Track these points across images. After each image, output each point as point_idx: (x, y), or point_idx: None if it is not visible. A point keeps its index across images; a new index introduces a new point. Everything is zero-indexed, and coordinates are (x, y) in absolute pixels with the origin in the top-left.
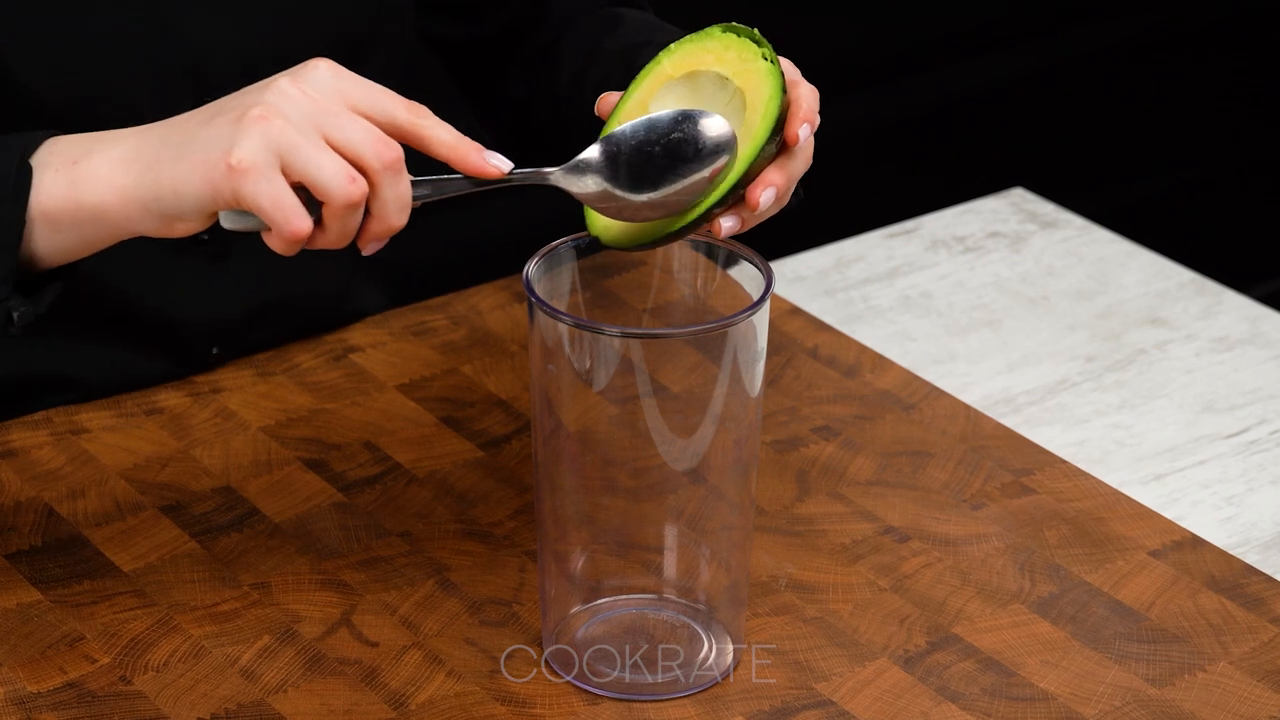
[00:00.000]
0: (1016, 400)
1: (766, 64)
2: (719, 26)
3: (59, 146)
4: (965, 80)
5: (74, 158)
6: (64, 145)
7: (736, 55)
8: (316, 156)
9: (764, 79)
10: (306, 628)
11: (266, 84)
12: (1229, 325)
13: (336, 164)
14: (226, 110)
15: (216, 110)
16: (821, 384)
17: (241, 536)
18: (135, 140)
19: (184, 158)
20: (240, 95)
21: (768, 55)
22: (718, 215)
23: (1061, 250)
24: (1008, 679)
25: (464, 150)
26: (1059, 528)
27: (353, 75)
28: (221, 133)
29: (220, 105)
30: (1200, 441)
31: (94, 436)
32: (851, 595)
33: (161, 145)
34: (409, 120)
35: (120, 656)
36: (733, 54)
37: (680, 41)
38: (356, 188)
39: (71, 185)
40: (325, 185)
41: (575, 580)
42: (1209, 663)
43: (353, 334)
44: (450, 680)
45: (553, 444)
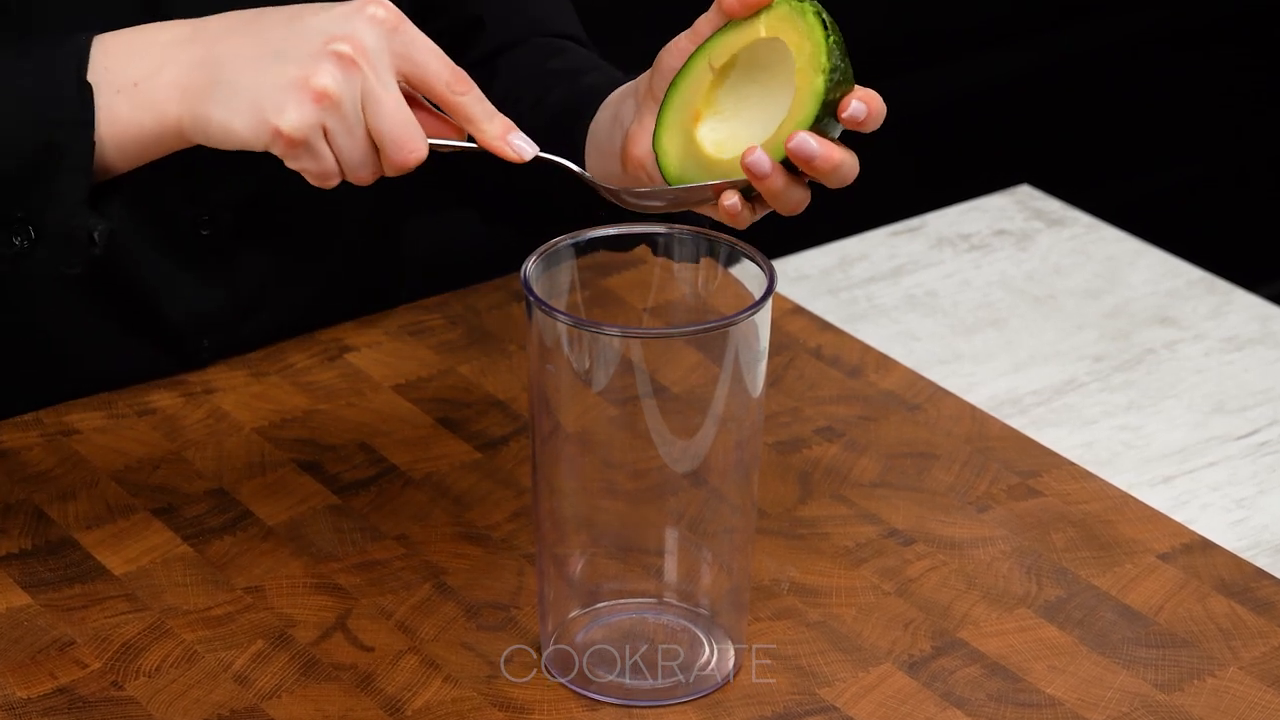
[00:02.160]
0: (1023, 401)
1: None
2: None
3: (112, 60)
4: (970, 76)
5: (134, 78)
6: (117, 57)
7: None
8: (350, 145)
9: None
10: (301, 632)
11: (327, 31)
12: (1239, 325)
13: (363, 153)
14: (286, 56)
15: (276, 46)
16: (824, 384)
17: (235, 539)
18: (192, 57)
19: (236, 102)
20: (301, 33)
21: (811, 7)
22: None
23: (1069, 248)
24: (1014, 684)
25: (492, 134)
26: (1066, 530)
27: (407, 30)
28: (276, 89)
29: (281, 39)
30: (1210, 443)
31: (85, 437)
32: (855, 599)
33: (218, 74)
34: (448, 92)
35: (111, 661)
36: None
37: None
38: (371, 175)
39: (134, 109)
40: (349, 170)
41: (574, 584)
42: (1219, 668)
43: (348, 333)
44: (447, 685)
45: (551, 445)
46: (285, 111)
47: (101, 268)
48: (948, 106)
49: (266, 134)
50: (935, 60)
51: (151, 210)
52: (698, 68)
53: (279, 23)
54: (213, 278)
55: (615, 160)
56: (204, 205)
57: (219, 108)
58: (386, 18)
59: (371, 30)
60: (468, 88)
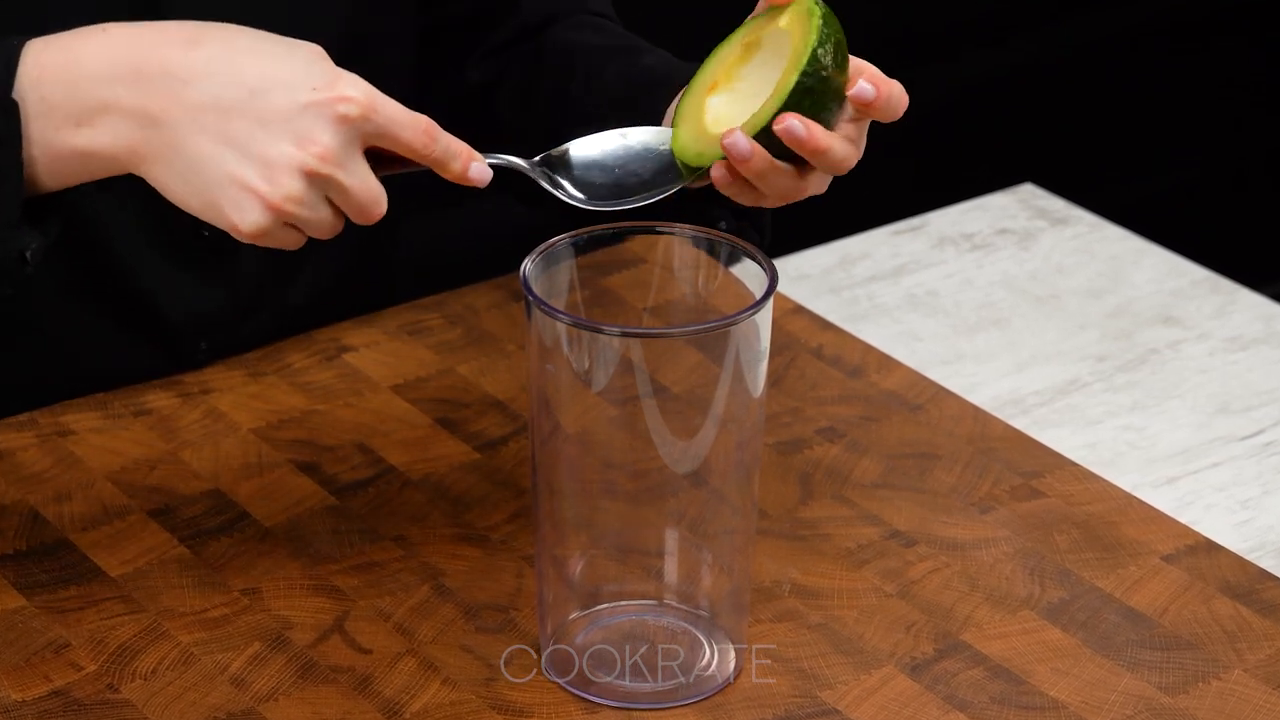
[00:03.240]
0: (1025, 401)
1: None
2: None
3: (47, 89)
4: (972, 74)
5: (74, 116)
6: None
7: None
8: (313, 223)
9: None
10: (298, 634)
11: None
12: (1243, 324)
13: (328, 224)
14: (249, 156)
15: (240, 141)
16: (825, 384)
17: (231, 541)
18: (140, 110)
19: (192, 184)
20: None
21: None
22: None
23: (1072, 248)
24: (1017, 687)
25: (457, 175)
26: (1069, 532)
27: (378, 112)
28: (237, 189)
29: (246, 134)
30: (1214, 443)
31: (80, 438)
32: (856, 601)
33: (173, 148)
34: (420, 156)
35: (107, 664)
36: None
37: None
38: (333, 233)
39: (75, 151)
40: (313, 235)
41: (574, 585)
42: (1223, 671)
43: (346, 333)
44: (445, 688)
45: (551, 446)
46: (245, 214)
47: (99, 267)
48: (950, 104)
49: (223, 224)
50: (937, 58)
51: (150, 211)
52: (731, 42)
53: (242, 110)
54: (212, 278)
55: None
56: None
57: (173, 180)
58: (358, 113)
59: (341, 132)
60: (433, 142)
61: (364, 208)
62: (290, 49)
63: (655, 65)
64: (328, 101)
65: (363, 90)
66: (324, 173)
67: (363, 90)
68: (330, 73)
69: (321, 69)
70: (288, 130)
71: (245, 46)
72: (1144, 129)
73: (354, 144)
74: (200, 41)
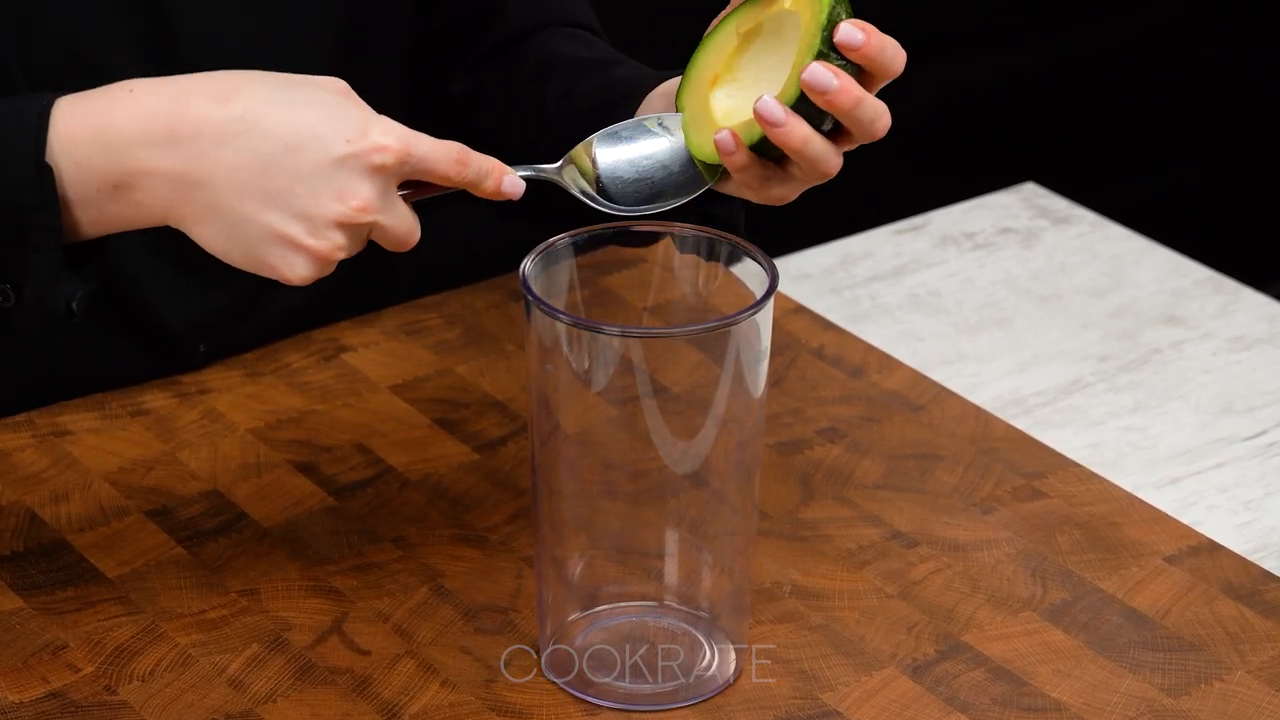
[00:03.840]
0: (1028, 401)
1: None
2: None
3: (80, 152)
4: (975, 73)
5: (110, 180)
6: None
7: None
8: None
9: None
10: (296, 636)
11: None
12: (1247, 324)
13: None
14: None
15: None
16: (827, 385)
17: (229, 541)
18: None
19: (233, 240)
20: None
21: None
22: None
23: (1074, 247)
24: (1019, 688)
25: (490, 193)
26: (1071, 533)
27: (413, 153)
28: (281, 245)
29: (285, 191)
30: (1217, 444)
31: (78, 438)
32: (858, 602)
33: (212, 206)
34: (454, 182)
35: (105, 665)
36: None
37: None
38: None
39: (115, 209)
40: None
41: (573, 586)
42: (1226, 672)
43: (344, 333)
44: (445, 690)
45: (550, 446)
46: (293, 267)
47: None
48: (952, 104)
49: (270, 275)
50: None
51: None
52: (724, 32)
53: (280, 168)
54: (211, 282)
55: None
56: None
57: (216, 238)
58: (394, 162)
59: (378, 182)
60: (466, 168)
61: (401, 241)
62: (319, 95)
63: (630, 76)
64: (363, 153)
65: (395, 137)
66: (365, 221)
67: (395, 137)
68: (361, 120)
69: (351, 116)
70: (326, 186)
71: (275, 99)
72: (1147, 128)
73: (390, 187)
74: (230, 99)
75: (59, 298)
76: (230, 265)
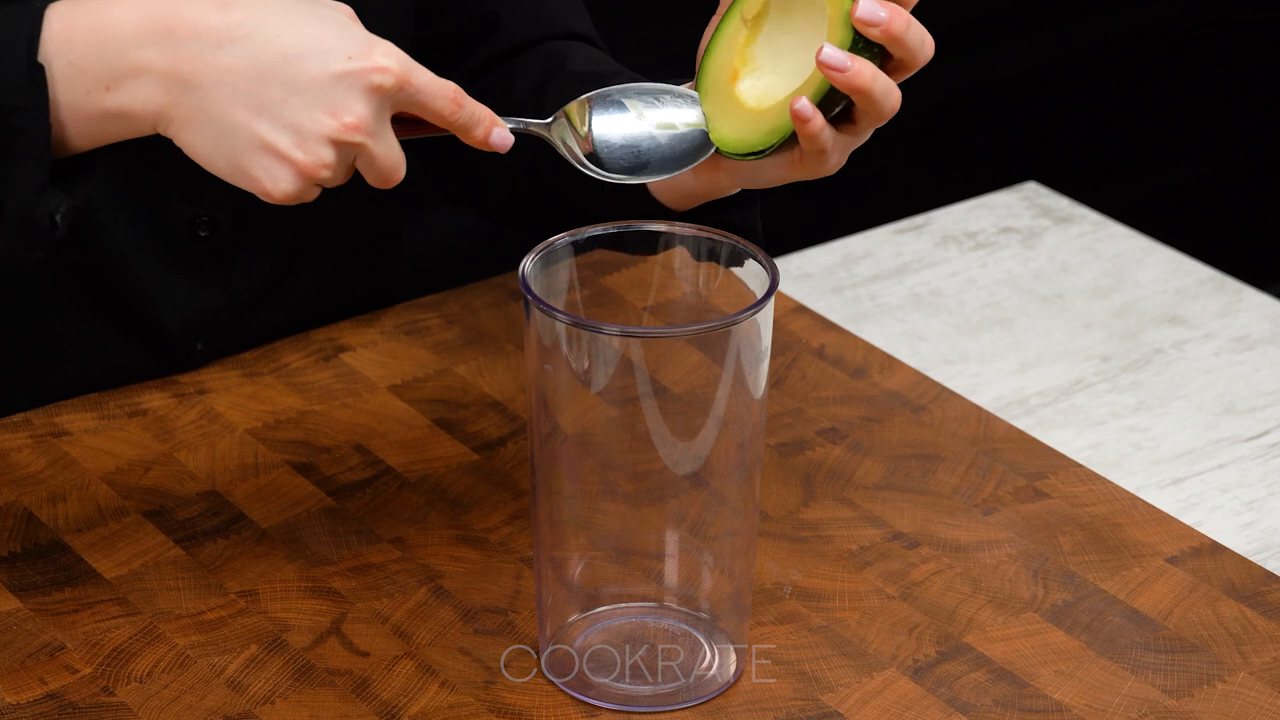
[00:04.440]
0: (1029, 402)
1: None
2: None
3: (75, 52)
4: (976, 71)
5: (103, 80)
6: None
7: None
8: (336, 180)
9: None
10: (295, 637)
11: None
12: (1249, 324)
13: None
14: (281, 123)
15: (273, 108)
16: (828, 385)
17: (228, 542)
18: (171, 72)
19: (222, 148)
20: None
21: None
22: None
23: (1076, 246)
24: (1020, 690)
25: (479, 140)
26: (1073, 533)
27: (412, 82)
28: (268, 156)
29: (279, 101)
30: (1220, 444)
31: (75, 439)
32: (859, 603)
33: (203, 111)
34: (447, 120)
35: (102, 667)
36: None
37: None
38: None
39: (105, 112)
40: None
41: (573, 588)
42: (1228, 673)
43: (343, 333)
44: (444, 691)
45: (550, 447)
46: (276, 180)
47: (95, 269)
48: (953, 102)
49: (252, 188)
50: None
51: (148, 211)
52: (731, 25)
53: (276, 77)
54: (209, 280)
55: None
56: (202, 205)
57: (202, 144)
58: (392, 84)
59: (374, 102)
60: (460, 109)
61: (386, 174)
62: (323, 11)
63: None
64: (363, 71)
65: (397, 59)
66: (356, 141)
67: (397, 59)
68: (364, 40)
69: (355, 35)
70: (322, 99)
71: (277, 8)
72: (1149, 127)
73: (385, 112)
74: (231, 4)
75: (44, 209)
76: (230, 265)
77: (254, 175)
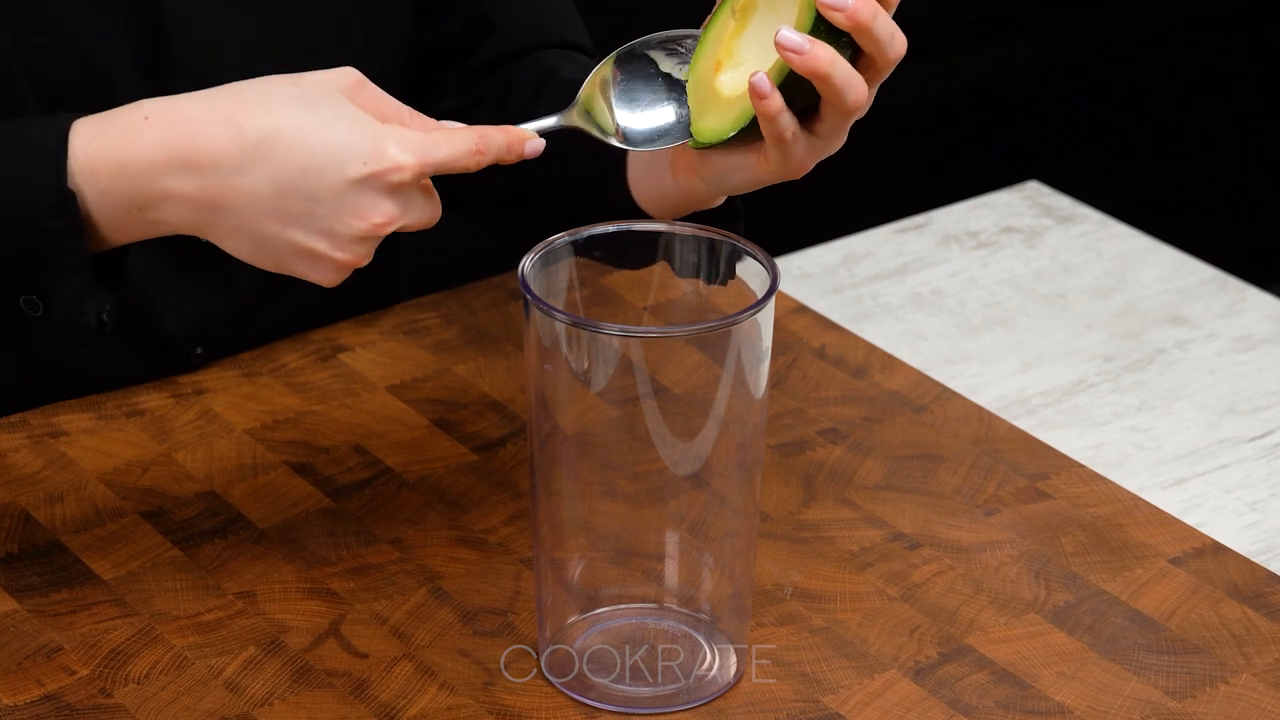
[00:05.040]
0: (1031, 402)
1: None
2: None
3: (102, 180)
4: (978, 69)
5: (135, 202)
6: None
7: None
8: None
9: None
10: (293, 638)
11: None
12: (1252, 324)
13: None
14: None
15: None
16: (828, 385)
17: (226, 543)
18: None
19: (259, 254)
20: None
21: None
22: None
23: (1078, 246)
24: (1022, 691)
25: (513, 159)
26: (1075, 534)
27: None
28: (305, 260)
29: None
30: (1222, 445)
31: (72, 439)
32: (860, 604)
33: (235, 227)
34: (474, 169)
35: (100, 668)
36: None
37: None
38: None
39: (141, 228)
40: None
41: (573, 589)
42: (1231, 675)
43: (342, 333)
44: (443, 693)
45: (549, 447)
46: (322, 274)
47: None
48: (955, 101)
49: (297, 275)
50: (942, 54)
51: None
52: (721, 17)
53: (299, 192)
54: (209, 284)
55: (663, 164)
56: None
57: (243, 250)
58: (411, 177)
59: (397, 196)
60: (486, 153)
61: (426, 226)
62: (329, 113)
63: None
64: (381, 174)
65: (412, 153)
66: (388, 232)
67: (412, 153)
68: (376, 139)
69: (364, 134)
70: (347, 206)
71: (288, 121)
72: (1152, 126)
73: (411, 196)
74: (245, 126)
75: (90, 312)
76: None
77: (300, 271)
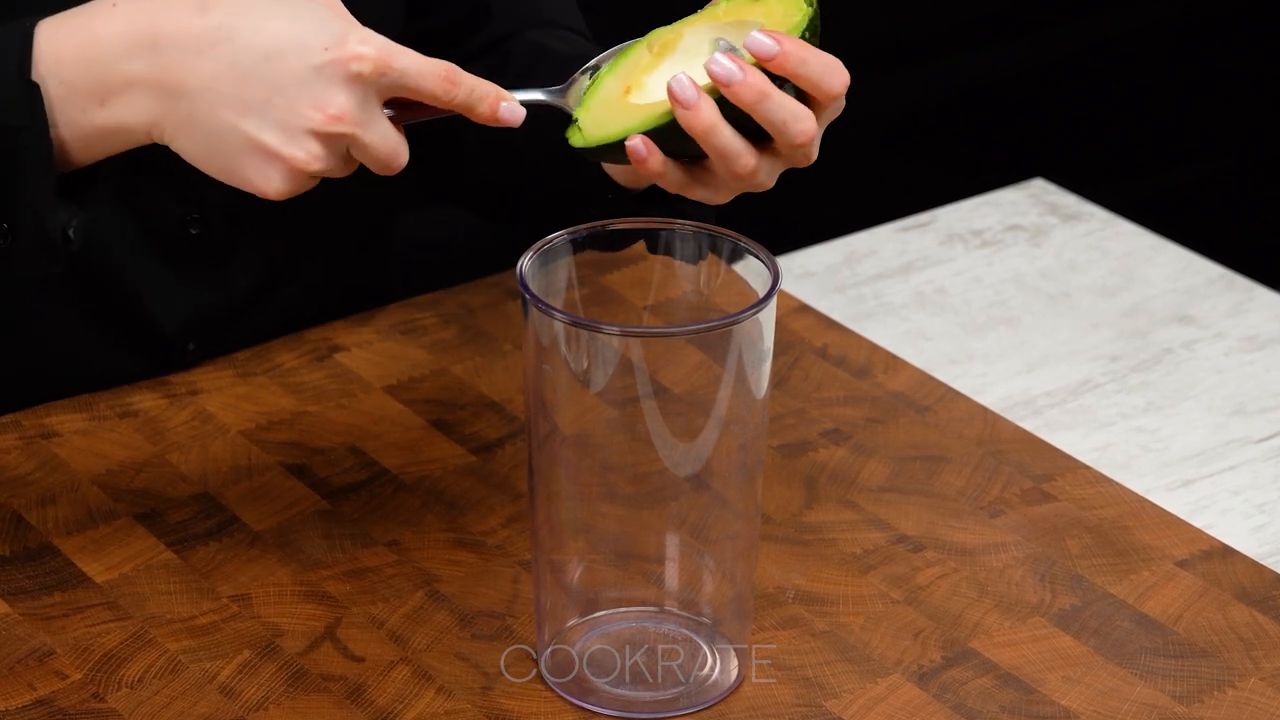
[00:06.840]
0: (1036, 402)
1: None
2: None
3: (66, 70)
4: (982, 67)
5: (97, 94)
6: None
7: (782, 10)
8: (334, 172)
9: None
10: (289, 642)
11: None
12: (1260, 323)
13: (346, 170)
14: (267, 122)
15: (257, 108)
16: (831, 385)
17: (220, 546)
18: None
19: (214, 152)
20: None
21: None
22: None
23: (1084, 244)
24: (1027, 696)
25: (486, 117)
26: (1081, 537)
27: (394, 66)
28: (258, 157)
29: (263, 101)
30: (1230, 446)
31: (65, 440)
32: (863, 607)
33: (192, 117)
34: (442, 101)
35: (93, 672)
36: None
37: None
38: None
39: (100, 125)
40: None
41: (572, 591)
42: (1239, 679)
43: (338, 333)
44: (440, 697)
45: (548, 448)
46: (269, 179)
47: (87, 268)
48: (959, 99)
49: (247, 188)
50: (946, 52)
51: (140, 211)
52: (636, 50)
53: (257, 77)
54: (202, 280)
55: None
56: (194, 205)
57: (196, 150)
58: (371, 70)
59: (356, 91)
60: (457, 86)
61: (384, 161)
62: (301, 5)
63: None
64: (340, 61)
65: (375, 45)
66: (342, 132)
67: (375, 45)
68: (341, 29)
69: (332, 26)
70: (304, 94)
71: (254, 7)
72: (1158, 123)
73: (370, 100)
74: (208, 7)
75: (56, 224)
76: (224, 265)
77: (246, 175)
